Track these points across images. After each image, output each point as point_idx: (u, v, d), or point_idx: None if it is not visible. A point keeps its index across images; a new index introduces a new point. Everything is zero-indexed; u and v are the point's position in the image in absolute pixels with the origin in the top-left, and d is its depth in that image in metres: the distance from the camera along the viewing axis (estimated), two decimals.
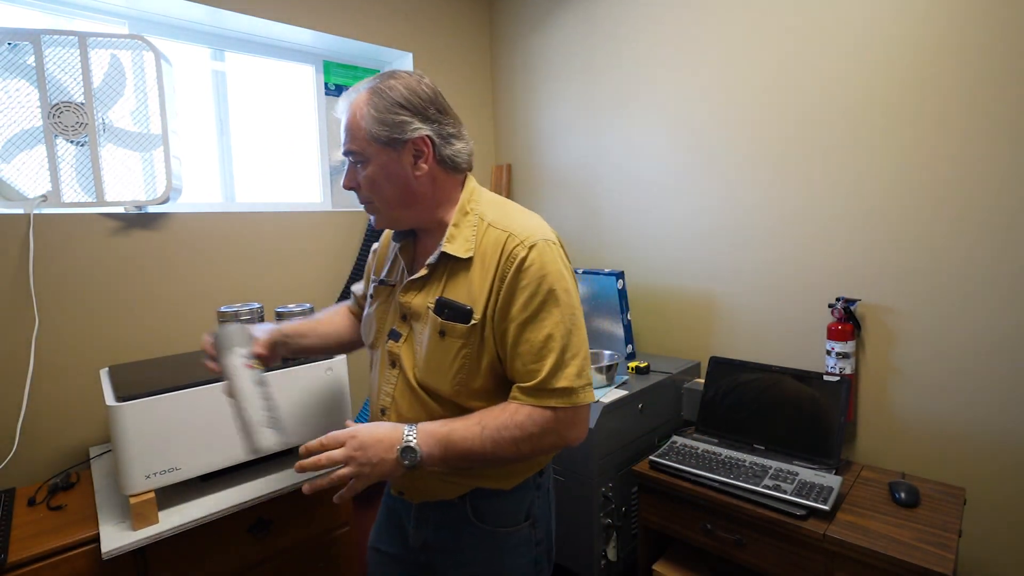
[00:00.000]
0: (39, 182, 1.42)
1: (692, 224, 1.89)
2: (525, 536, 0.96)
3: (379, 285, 1.00)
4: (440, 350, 0.85)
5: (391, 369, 0.92)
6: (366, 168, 0.86)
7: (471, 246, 0.86)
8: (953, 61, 1.34)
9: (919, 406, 1.46)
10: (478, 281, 0.85)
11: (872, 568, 1.14)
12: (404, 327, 0.92)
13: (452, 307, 0.85)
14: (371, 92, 0.85)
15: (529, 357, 0.82)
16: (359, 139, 0.85)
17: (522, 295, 0.81)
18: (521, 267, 0.81)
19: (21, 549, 1.04)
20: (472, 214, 0.89)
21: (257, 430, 0.87)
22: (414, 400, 0.89)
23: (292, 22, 1.88)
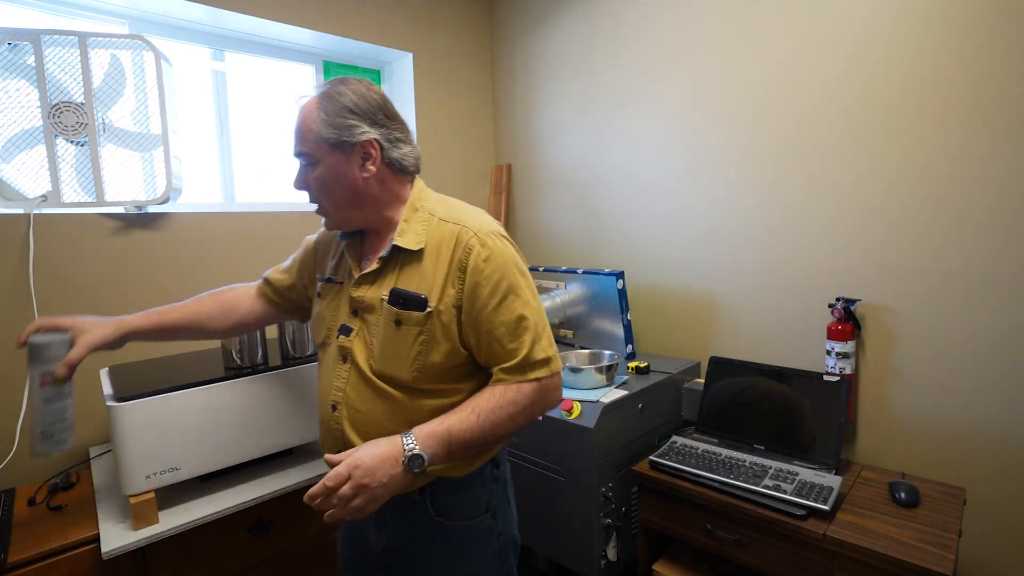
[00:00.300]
0: (39, 182, 1.42)
1: (692, 224, 1.89)
2: (487, 528, 0.99)
3: (326, 283, 1.01)
4: (397, 338, 0.89)
5: (342, 364, 0.94)
6: (316, 169, 0.90)
7: (422, 239, 0.91)
8: (953, 61, 1.34)
9: (919, 406, 1.46)
10: (431, 271, 0.89)
11: (872, 568, 1.14)
12: (355, 322, 0.94)
13: (407, 297, 0.89)
14: (321, 97, 0.90)
15: (507, 339, 0.87)
16: (309, 141, 0.89)
17: (489, 283, 0.87)
18: (482, 258, 0.87)
19: (21, 549, 1.04)
20: (422, 211, 0.94)
21: (36, 439, 0.95)
22: (367, 391, 0.91)
23: (292, 22, 1.88)
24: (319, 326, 1.01)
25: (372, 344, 0.91)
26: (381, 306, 0.91)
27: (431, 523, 0.95)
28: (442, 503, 0.95)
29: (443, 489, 0.94)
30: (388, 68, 2.36)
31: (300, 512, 1.34)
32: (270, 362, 1.33)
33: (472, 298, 0.87)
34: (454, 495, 0.95)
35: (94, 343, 0.97)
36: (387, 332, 0.90)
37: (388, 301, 0.90)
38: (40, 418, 0.96)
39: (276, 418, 1.28)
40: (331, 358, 0.96)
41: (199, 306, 1.11)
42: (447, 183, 2.38)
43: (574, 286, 2.03)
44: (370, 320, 0.92)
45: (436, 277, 0.88)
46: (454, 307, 0.88)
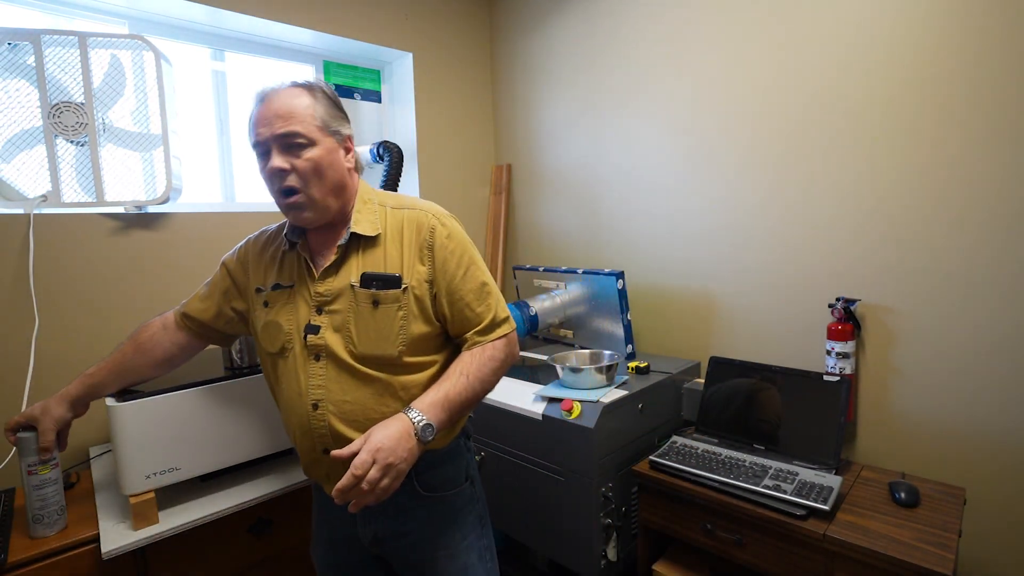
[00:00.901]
0: (39, 182, 1.42)
1: (692, 224, 1.89)
2: (468, 495, 1.06)
3: (274, 291, 1.00)
4: (378, 318, 0.94)
5: (315, 363, 0.94)
6: (308, 151, 0.92)
7: (377, 226, 0.98)
8: (953, 61, 1.34)
9: (919, 406, 1.46)
10: (395, 253, 0.96)
11: (872, 568, 1.14)
12: (321, 318, 0.95)
13: (379, 278, 0.95)
14: (314, 87, 0.96)
15: (475, 303, 0.98)
16: (306, 122, 0.92)
17: (453, 258, 0.97)
18: (444, 235, 0.97)
19: (21, 549, 1.04)
20: (371, 203, 1.01)
21: (29, 523, 1.08)
22: (351, 380, 0.93)
23: (292, 22, 1.88)
24: (274, 334, 0.98)
25: (349, 331, 0.94)
26: (351, 292, 0.94)
27: (417, 500, 1.00)
28: (427, 479, 1.00)
29: (427, 464, 0.98)
30: (388, 68, 2.36)
31: (300, 512, 1.34)
32: None
33: (443, 271, 0.96)
34: (438, 468, 1.01)
35: (51, 427, 1.05)
36: (365, 315, 0.94)
37: (361, 285, 0.94)
38: (30, 503, 1.07)
39: (276, 418, 1.28)
40: (297, 361, 0.96)
41: (121, 357, 1.10)
42: (447, 183, 2.39)
43: (574, 286, 2.03)
44: (340, 310, 0.94)
45: (404, 258, 0.96)
46: (426, 282, 0.96)
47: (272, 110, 0.91)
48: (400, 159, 2.02)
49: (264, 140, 0.91)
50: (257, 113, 0.93)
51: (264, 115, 0.91)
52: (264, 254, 1.06)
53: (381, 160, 2.06)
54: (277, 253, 1.04)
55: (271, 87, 0.94)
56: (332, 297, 0.95)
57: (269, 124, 0.91)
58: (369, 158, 2.12)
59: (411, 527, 1.00)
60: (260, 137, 0.92)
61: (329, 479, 0.98)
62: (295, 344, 0.96)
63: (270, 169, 0.92)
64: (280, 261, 1.03)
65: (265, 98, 0.93)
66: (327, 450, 0.94)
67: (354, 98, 2.27)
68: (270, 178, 0.93)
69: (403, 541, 1.00)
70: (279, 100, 0.92)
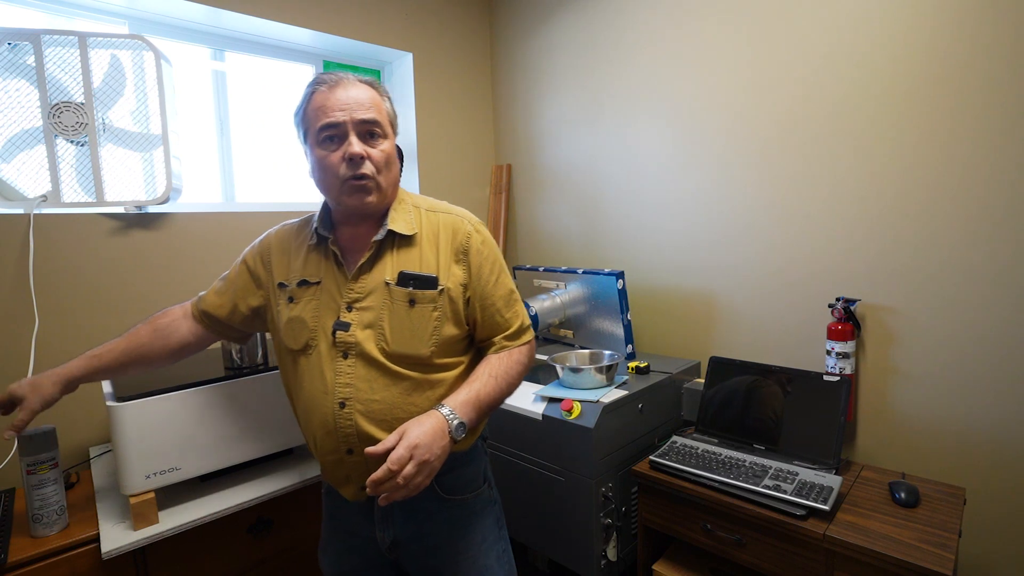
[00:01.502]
0: (39, 182, 1.42)
1: (692, 224, 1.89)
2: (485, 498, 1.06)
3: (300, 286, 0.98)
4: (413, 317, 0.94)
5: (343, 360, 0.93)
6: (381, 144, 0.94)
7: (413, 226, 0.98)
8: (953, 61, 1.34)
9: (919, 406, 1.46)
10: (430, 255, 0.97)
11: (872, 568, 1.14)
12: (351, 315, 0.94)
13: (417, 277, 0.95)
14: (378, 84, 0.97)
15: (504, 310, 1.01)
16: (382, 115, 0.94)
17: (487, 264, 1.00)
18: (479, 242, 1.00)
19: (21, 549, 1.04)
20: (406, 203, 1.02)
21: (29, 522, 1.08)
22: (381, 379, 0.92)
23: (292, 22, 1.88)
24: (298, 331, 0.96)
25: (382, 329, 0.92)
26: (386, 290, 0.94)
27: (438, 504, 0.99)
28: (447, 481, 0.99)
29: (447, 467, 0.95)
30: (388, 68, 2.36)
31: (300, 512, 1.34)
32: (270, 362, 1.33)
33: (477, 276, 0.98)
34: (458, 471, 1.01)
35: (37, 407, 0.95)
36: (400, 313, 0.93)
37: (397, 283, 0.94)
38: (31, 503, 1.07)
39: (276, 418, 1.28)
40: (323, 359, 0.94)
41: (136, 338, 1.05)
42: (447, 183, 2.38)
43: (574, 286, 2.03)
44: (372, 307, 0.93)
45: (439, 259, 0.97)
46: (461, 285, 0.97)
47: (351, 96, 0.91)
48: (400, 159, 2.02)
49: (341, 123, 0.90)
50: (328, 97, 0.91)
51: (341, 100, 0.90)
52: (288, 249, 1.04)
53: None
54: (302, 248, 1.02)
55: (337, 75, 0.93)
56: (364, 294, 0.94)
57: (348, 109, 0.90)
58: None
59: (431, 531, 0.99)
60: (336, 119, 0.90)
61: (350, 481, 0.96)
62: (320, 341, 0.94)
63: (351, 153, 0.90)
64: (306, 256, 1.00)
65: (337, 84, 0.92)
66: (351, 450, 0.93)
67: None
68: (348, 162, 0.90)
69: (422, 545, 0.99)
70: (356, 88, 0.92)
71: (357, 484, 0.96)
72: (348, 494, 0.98)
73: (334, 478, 0.99)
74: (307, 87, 0.95)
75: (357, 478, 0.95)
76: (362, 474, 0.93)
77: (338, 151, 0.91)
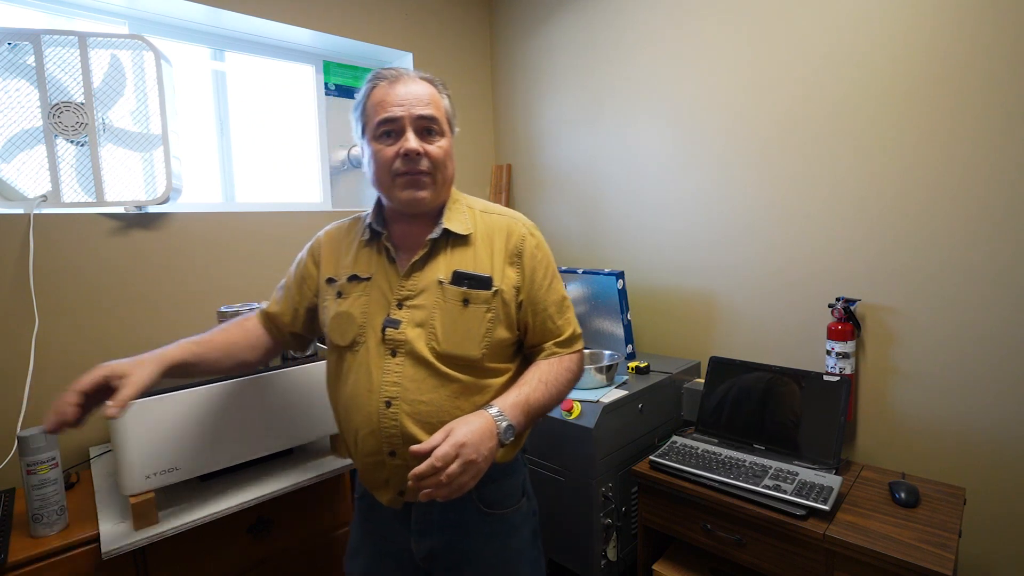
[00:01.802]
0: (39, 182, 1.42)
1: (692, 224, 1.89)
2: (524, 512, 1.03)
3: (350, 281, 0.98)
4: (465, 318, 0.92)
5: (391, 359, 0.91)
6: (439, 141, 0.93)
7: (468, 226, 0.97)
8: (953, 61, 1.34)
9: (919, 406, 1.46)
10: (484, 256, 0.95)
11: (872, 568, 1.14)
12: (402, 313, 0.92)
13: (472, 277, 0.93)
14: (437, 81, 0.97)
15: (556, 316, 0.99)
16: (441, 112, 0.94)
17: (541, 268, 0.98)
18: (534, 245, 0.98)
19: (21, 549, 1.04)
20: (460, 202, 1.01)
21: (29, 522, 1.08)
22: (430, 380, 0.90)
23: (292, 22, 1.88)
24: (346, 326, 0.95)
25: (434, 328, 0.91)
26: (439, 288, 0.92)
27: (478, 517, 0.96)
28: (487, 493, 0.97)
29: (488, 478, 0.92)
30: None
31: (300, 512, 1.34)
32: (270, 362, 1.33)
33: (531, 280, 0.97)
34: (498, 483, 0.98)
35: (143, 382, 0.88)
36: (453, 312, 0.91)
37: (451, 282, 0.92)
38: (31, 503, 1.07)
39: (276, 418, 1.28)
40: (371, 356, 0.92)
41: (229, 336, 1.05)
42: None
43: (574, 286, 2.03)
44: (423, 305, 0.92)
45: (494, 261, 0.95)
46: (514, 288, 0.95)
47: (411, 92, 0.90)
48: None
49: (399, 118, 0.89)
50: (388, 92, 0.91)
51: (400, 95, 0.90)
52: (339, 245, 1.04)
53: None
54: (353, 244, 1.01)
55: (398, 71, 0.93)
56: (416, 292, 0.92)
57: (407, 104, 0.89)
58: None
59: (469, 544, 0.96)
60: (394, 114, 0.89)
61: (388, 485, 0.94)
62: (368, 338, 0.93)
63: (407, 149, 0.89)
64: (357, 251, 1.00)
65: (397, 80, 0.92)
66: (394, 452, 0.90)
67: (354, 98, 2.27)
68: (404, 157, 0.90)
69: (459, 557, 0.97)
70: (416, 84, 0.92)
71: (396, 489, 0.93)
72: (385, 499, 0.95)
73: (372, 481, 0.96)
74: (367, 82, 0.95)
75: (397, 482, 0.93)
76: (402, 478, 0.91)
77: (394, 146, 0.90)
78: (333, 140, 2.20)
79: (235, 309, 1.29)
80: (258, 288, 1.80)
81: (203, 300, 1.68)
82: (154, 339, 1.57)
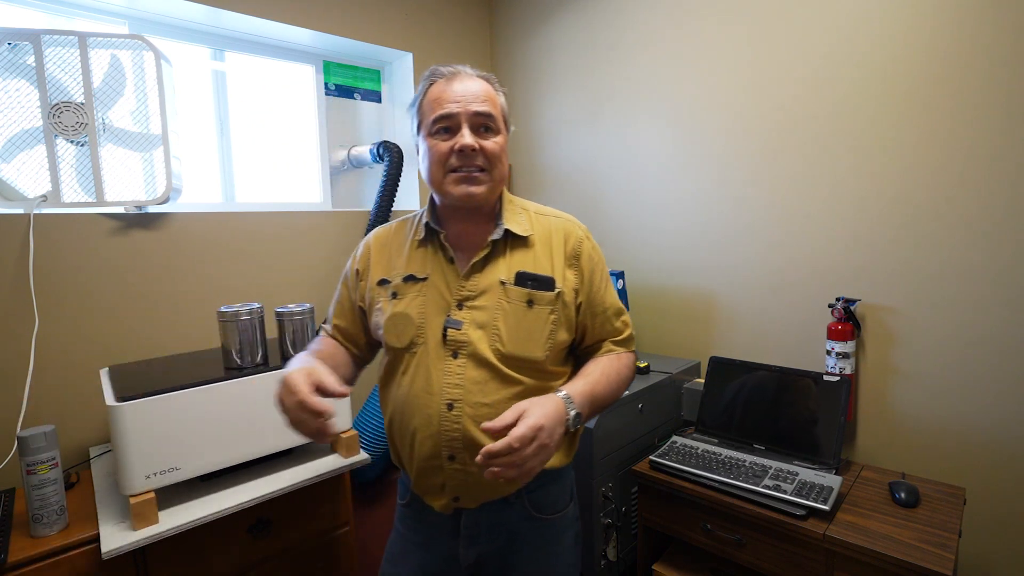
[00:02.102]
0: (39, 182, 1.42)
1: (692, 224, 1.89)
2: (571, 516, 1.02)
3: (406, 282, 0.96)
4: (530, 319, 0.91)
5: (452, 360, 0.89)
6: (494, 137, 0.92)
7: (527, 228, 0.97)
8: (953, 62, 1.34)
9: (919, 406, 1.46)
10: (544, 257, 0.95)
11: (872, 568, 1.14)
12: (462, 314, 0.90)
13: (535, 278, 0.93)
14: (492, 78, 0.96)
15: (614, 318, 1.00)
16: (497, 109, 0.94)
17: (598, 271, 0.99)
18: (590, 248, 0.99)
19: (21, 549, 1.04)
20: (514, 203, 1.01)
21: (29, 522, 1.08)
22: (493, 382, 0.88)
23: (292, 22, 1.88)
24: (403, 327, 0.93)
25: (497, 330, 0.89)
26: (502, 289, 0.91)
27: (528, 523, 0.95)
28: (538, 498, 0.96)
29: (539, 483, 0.94)
30: (388, 68, 2.36)
31: (300, 512, 1.34)
32: (270, 362, 1.33)
33: (590, 282, 0.97)
34: (549, 487, 0.97)
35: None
36: (517, 313, 0.91)
37: (515, 283, 0.92)
38: (31, 503, 1.07)
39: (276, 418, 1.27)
40: (430, 357, 0.90)
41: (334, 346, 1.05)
42: None
43: None
44: (485, 306, 0.91)
45: (553, 263, 0.95)
46: (574, 290, 0.95)
47: (468, 89, 0.90)
48: (400, 159, 2.02)
49: (455, 114, 0.89)
50: (444, 89, 0.90)
51: (457, 92, 0.90)
52: (389, 247, 1.02)
53: (381, 160, 2.06)
54: (405, 244, 1.00)
55: (452, 66, 0.93)
56: (477, 293, 0.91)
57: (463, 101, 0.89)
58: (369, 158, 2.12)
59: (516, 549, 0.95)
60: (451, 110, 0.89)
61: (444, 491, 0.92)
62: (427, 339, 0.91)
63: (463, 144, 0.88)
64: (410, 252, 0.98)
65: (454, 77, 0.91)
66: (453, 456, 0.88)
67: (354, 98, 2.27)
68: (458, 153, 0.89)
69: (504, 563, 0.96)
70: (472, 81, 0.92)
71: (451, 495, 0.91)
72: (438, 505, 0.93)
73: (426, 487, 0.94)
74: (423, 80, 0.95)
75: (453, 487, 0.91)
76: (459, 484, 0.90)
77: (449, 141, 0.89)
78: (333, 140, 2.20)
79: (235, 309, 1.29)
80: (258, 288, 1.80)
81: (203, 300, 1.68)
82: (153, 339, 1.58)
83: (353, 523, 1.45)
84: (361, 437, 1.67)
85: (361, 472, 1.74)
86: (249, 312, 1.30)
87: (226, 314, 1.28)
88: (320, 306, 1.92)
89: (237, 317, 1.28)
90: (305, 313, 1.38)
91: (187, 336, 1.65)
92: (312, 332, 1.38)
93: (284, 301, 1.81)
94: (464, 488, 0.91)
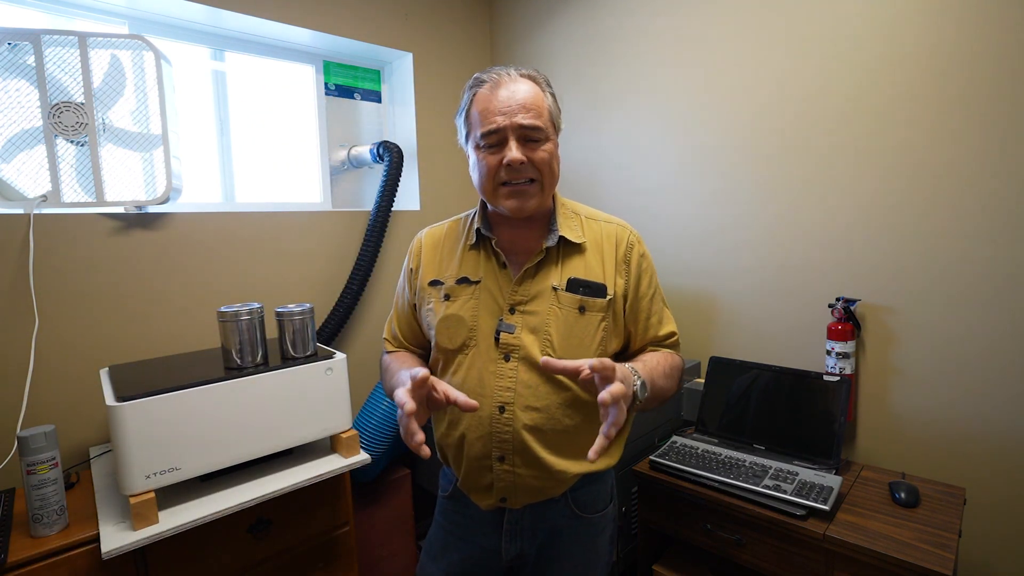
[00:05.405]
0: (39, 182, 1.42)
1: (692, 224, 1.89)
2: (610, 515, 1.04)
3: (459, 284, 0.96)
4: (581, 325, 0.91)
5: (505, 363, 0.90)
6: (543, 146, 0.90)
7: (580, 234, 0.97)
8: (951, 62, 1.34)
9: (919, 406, 1.46)
10: (595, 263, 0.95)
11: (872, 568, 1.14)
12: (515, 318, 0.91)
13: (587, 285, 0.93)
14: (540, 79, 0.92)
15: (663, 324, 1.01)
16: (544, 117, 0.90)
17: (646, 276, 0.99)
18: (640, 253, 0.99)
19: (21, 549, 1.04)
20: (566, 207, 1.01)
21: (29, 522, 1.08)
22: (544, 386, 0.89)
23: (292, 22, 1.88)
24: (455, 329, 0.94)
25: (549, 335, 0.90)
26: (554, 295, 0.92)
27: (571, 521, 0.97)
28: (581, 496, 0.98)
29: (583, 481, 0.96)
30: (388, 68, 2.36)
31: (300, 512, 1.34)
32: (270, 362, 1.33)
33: (637, 287, 0.97)
34: (592, 487, 0.99)
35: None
36: (568, 319, 0.91)
37: (567, 289, 0.92)
38: (31, 503, 1.07)
39: (276, 418, 1.28)
40: (482, 359, 0.91)
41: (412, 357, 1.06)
42: (447, 183, 2.38)
43: None
44: (537, 311, 0.91)
45: (605, 268, 0.95)
46: (623, 296, 0.96)
47: (516, 100, 0.87)
48: (400, 159, 2.02)
49: (501, 128, 0.86)
50: (490, 99, 0.88)
51: (504, 103, 0.86)
52: (441, 247, 1.03)
53: (381, 160, 2.06)
54: (457, 246, 1.00)
55: (499, 73, 0.89)
56: (529, 298, 0.92)
57: (510, 113, 0.86)
58: (369, 158, 2.12)
59: (557, 545, 0.97)
60: (497, 124, 0.86)
61: (491, 490, 0.93)
62: (479, 341, 0.92)
63: (511, 159, 0.87)
64: (462, 255, 0.99)
65: (499, 83, 0.88)
66: (503, 458, 0.90)
67: (354, 98, 2.27)
68: (507, 168, 0.88)
69: (544, 559, 0.98)
70: (520, 91, 0.88)
71: (499, 496, 0.93)
72: (485, 503, 0.95)
73: (474, 486, 0.95)
74: (468, 88, 0.93)
75: (501, 489, 0.92)
76: (507, 485, 0.91)
77: (498, 154, 0.88)
78: (333, 140, 2.20)
79: (235, 309, 1.29)
80: (258, 288, 1.80)
81: (203, 300, 1.68)
82: (153, 339, 1.58)
83: (353, 523, 1.45)
84: (361, 437, 1.68)
85: (361, 472, 1.74)
86: (249, 312, 1.30)
87: (226, 314, 1.28)
88: (320, 306, 1.92)
89: (237, 317, 1.28)
90: (305, 313, 1.38)
91: (187, 336, 1.65)
92: (312, 332, 1.38)
93: (284, 301, 1.81)
94: (512, 490, 0.92)
